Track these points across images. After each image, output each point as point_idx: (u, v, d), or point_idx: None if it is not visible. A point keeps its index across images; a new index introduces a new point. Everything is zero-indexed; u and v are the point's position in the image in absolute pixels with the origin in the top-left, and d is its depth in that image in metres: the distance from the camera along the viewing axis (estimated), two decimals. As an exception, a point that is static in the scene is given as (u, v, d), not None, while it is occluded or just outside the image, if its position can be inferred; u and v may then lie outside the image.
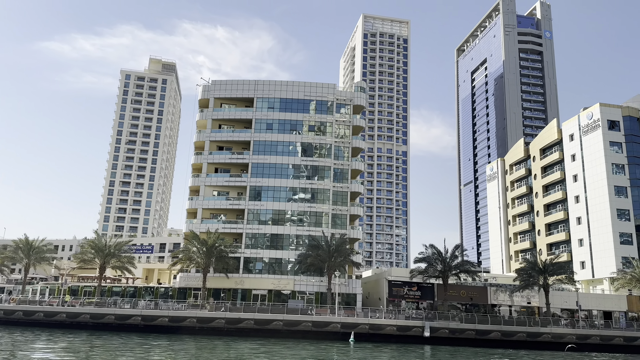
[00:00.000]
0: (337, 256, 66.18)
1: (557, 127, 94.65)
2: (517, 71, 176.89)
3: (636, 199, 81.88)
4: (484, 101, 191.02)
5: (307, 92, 77.74)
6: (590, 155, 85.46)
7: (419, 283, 72.15)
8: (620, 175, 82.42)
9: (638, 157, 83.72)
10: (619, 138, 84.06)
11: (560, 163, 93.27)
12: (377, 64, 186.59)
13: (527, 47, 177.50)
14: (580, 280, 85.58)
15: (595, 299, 76.19)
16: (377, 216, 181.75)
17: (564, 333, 58.70)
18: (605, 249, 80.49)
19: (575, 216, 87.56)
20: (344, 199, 75.71)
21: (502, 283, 76.63)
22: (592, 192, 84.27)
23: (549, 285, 69.25)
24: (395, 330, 56.00)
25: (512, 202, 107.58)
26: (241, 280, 71.13)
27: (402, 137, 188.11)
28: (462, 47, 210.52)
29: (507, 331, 57.37)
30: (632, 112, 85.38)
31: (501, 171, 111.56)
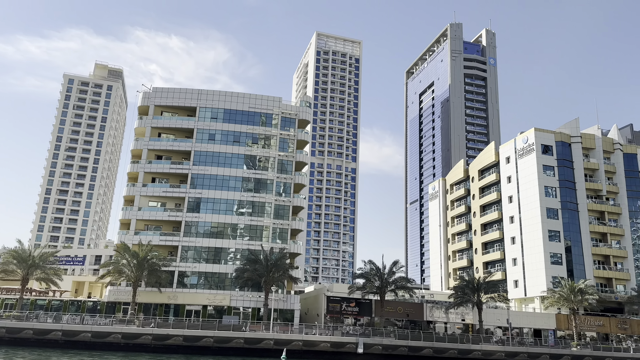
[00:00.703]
0: (276, 271, 65.10)
1: (494, 150, 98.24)
2: (462, 95, 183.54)
3: (566, 221, 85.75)
4: (431, 122, 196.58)
5: (252, 104, 76.98)
6: (525, 178, 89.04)
7: (357, 299, 72.10)
8: (551, 198, 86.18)
9: (569, 181, 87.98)
10: (551, 162, 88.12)
11: (497, 184, 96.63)
12: (329, 81, 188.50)
13: (472, 72, 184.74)
14: (514, 299, 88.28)
15: (526, 317, 78.70)
16: (325, 232, 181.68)
17: (494, 350, 59.96)
18: (537, 269, 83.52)
19: (510, 236, 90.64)
20: (286, 213, 74.96)
21: (439, 300, 77.81)
22: (526, 213, 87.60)
23: (482, 302, 70.91)
24: (329, 346, 55.33)
25: (452, 220, 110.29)
26: (174, 295, 68.55)
27: (352, 154, 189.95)
28: (412, 69, 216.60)
29: (439, 348, 57.96)
30: (564, 138, 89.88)
31: (442, 190, 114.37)
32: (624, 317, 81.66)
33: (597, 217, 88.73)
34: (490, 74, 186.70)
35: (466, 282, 72.40)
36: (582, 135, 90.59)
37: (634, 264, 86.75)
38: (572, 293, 72.14)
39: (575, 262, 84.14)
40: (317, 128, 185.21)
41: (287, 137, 77.19)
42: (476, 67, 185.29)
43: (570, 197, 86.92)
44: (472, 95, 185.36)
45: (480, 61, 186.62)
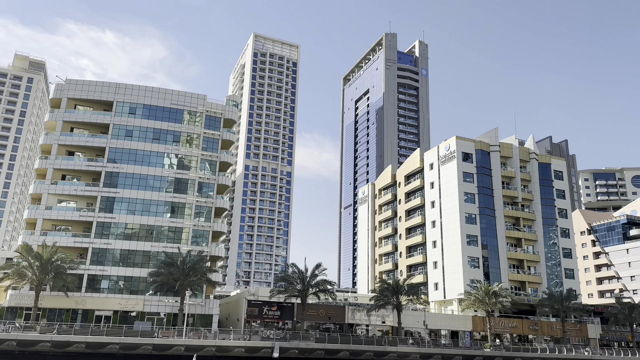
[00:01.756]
0: (193, 275, 62.76)
1: (419, 156, 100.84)
2: (395, 103, 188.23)
3: (484, 226, 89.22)
4: (366, 129, 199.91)
5: (174, 101, 74.27)
6: (446, 184, 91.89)
7: (279, 303, 71.01)
8: (470, 204, 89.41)
9: (487, 188, 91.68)
10: (471, 169, 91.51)
11: (421, 189, 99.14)
12: (265, 83, 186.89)
13: (405, 82, 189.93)
14: (434, 301, 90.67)
15: (444, 319, 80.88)
16: (258, 235, 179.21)
17: (410, 352, 60.88)
18: (456, 272, 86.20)
19: (432, 240, 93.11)
20: (208, 215, 72.72)
21: (361, 303, 78.32)
22: (447, 218, 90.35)
23: (401, 305, 72.02)
24: (244, 351, 53.89)
25: (379, 225, 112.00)
26: (83, 299, 64.43)
27: (287, 157, 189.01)
28: (349, 76, 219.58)
29: (356, 350, 58.04)
30: (483, 146, 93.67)
31: (371, 195, 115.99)
32: (535, 319, 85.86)
33: (513, 223, 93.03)
34: (421, 84, 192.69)
35: (387, 285, 73.29)
36: (500, 145, 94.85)
37: (546, 268, 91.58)
38: (487, 295, 74.85)
39: (492, 265, 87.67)
40: (253, 130, 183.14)
41: (211, 137, 75.06)
42: (409, 77, 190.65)
43: (488, 203, 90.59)
44: (405, 104, 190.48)
45: (413, 71, 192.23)
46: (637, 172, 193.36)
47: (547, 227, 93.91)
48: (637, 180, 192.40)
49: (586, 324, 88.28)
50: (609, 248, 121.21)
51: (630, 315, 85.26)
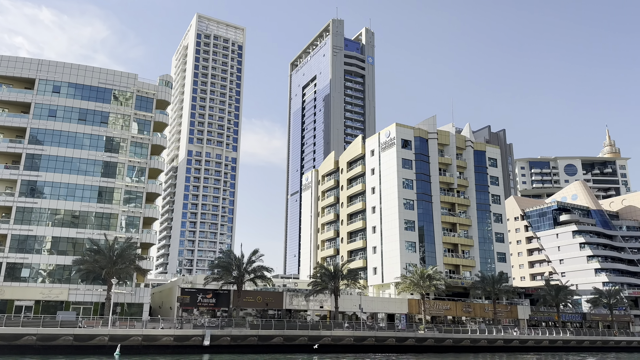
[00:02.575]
0: (121, 262, 60.09)
1: (361, 143, 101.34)
2: (342, 91, 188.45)
3: (421, 212, 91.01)
4: (313, 116, 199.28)
5: (103, 80, 70.38)
6: (386, 170, 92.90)
7: (214, 290, 69.53)
8: (409, 190, 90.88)
9: (424, 174, 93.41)
10: (410, 156, 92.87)
11: (362, 176, 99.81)
12: (210, 66, 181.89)
13: (352, 69, 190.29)
14: (373, 285, 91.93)
15: (381, 302, 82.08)
16: (202, 223, 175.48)
17: (344, 335, 61.24)
18: (393, 256, 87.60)
19: (372, 225, 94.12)
20: (139, 200, 69.78)
21: (299, 288, 78.12)
22: (386, 203, 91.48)
23: (338, 289, 72.30)
24: (172, 340, 52.29)
25: (322, 211, 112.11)
26: (1, 289, 60.38)
27: (233, 143, 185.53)
28: (296, 62, 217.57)
29: (290, 335, 57.73)
30: (422, 134, 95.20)
31: (315, 181, 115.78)
32: (468, 301, 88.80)
33: (449, 208, 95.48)
34: (368, 72, 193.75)
35: (325, 270, 73.33)
36: (438, 132, 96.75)
37: (479, 252, 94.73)
38: (422, 279, 76.51)
39: (428, 250, 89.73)
40: (196, 115, 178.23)
41: (143, 118, 71.83)
42: (356, 64, 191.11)
43: (425, 189, 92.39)
44: (352, 91, 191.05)
45: (360, 59, 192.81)
46: (569, 161, 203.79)
47: (481, 212, 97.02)
48: (569, 169, 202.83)
49: (516, 305, 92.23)
50: (540, 233, 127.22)
51: (557, 297, 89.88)
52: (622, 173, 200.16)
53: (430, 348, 67.13)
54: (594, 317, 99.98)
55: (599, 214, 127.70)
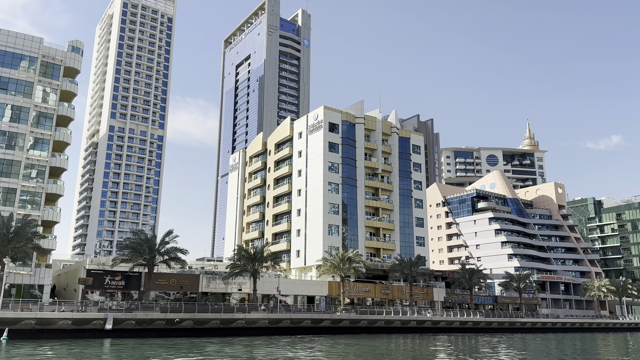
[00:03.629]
0: (16, 240, 55.15)
1: (290, 125, 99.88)
2: (277, 72, 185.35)
3: (345, 195, 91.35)
4: (246, 96, 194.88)
5: (3, 42, 63.67)
6: (313, 153, 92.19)
7: (124, 272, 65.96)
8: (334, 173, 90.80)
9: (350, 159, 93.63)
10: (337, 140, 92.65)
11: (290, 158, 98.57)
12: (136, 37, 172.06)
13: (287, 50, 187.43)
14: (296, 268, 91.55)
15: (302, 285, 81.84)
16: (124, 203, 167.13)
17: (258, 318, 60.18)
18: (316, 239, 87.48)
19: (297, 208, 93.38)
20: (41, 175, 64.34)
21: (217, 271, 76.08)
22: (312, 186, 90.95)
23: (257, 272, 71.01)
24: (70, 324, 48.78)
25: (248, 193, 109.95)
26: None
27: (159, 120, 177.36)
28: (230, 39, 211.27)
29: (201, 319, 55.83)
30: (349, 118, 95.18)
31: (242, 162, 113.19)
32: (386, 284, 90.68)
33: (373, 193, 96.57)
34: (303, 54, 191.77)
35: (244, 253, 71.71)
36: (365, 117, 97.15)
37: (399, 236, 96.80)
38: (342, 262, 76.90)
39: (351, 233, 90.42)
40: (120, 88, 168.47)
41: (48, 86, 65.99)
42: (291, 45, 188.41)
43: (350, 173, 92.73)
44: (286, 73, 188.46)
45: (295, 40, 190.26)
46: (491, 152, 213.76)
47: (404, 197, 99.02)
48: (491, 159, 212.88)
49: (432, 288, 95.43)
50: (459, 219, 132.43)
51: (470, 280, 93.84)
52: (540, 165, 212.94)
53: (345, 329, 67.70)
54: (504, 300, 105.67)
55: (514, 202, 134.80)
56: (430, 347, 52.73)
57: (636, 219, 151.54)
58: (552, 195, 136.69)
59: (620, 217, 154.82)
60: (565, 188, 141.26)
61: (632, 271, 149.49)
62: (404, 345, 53.95)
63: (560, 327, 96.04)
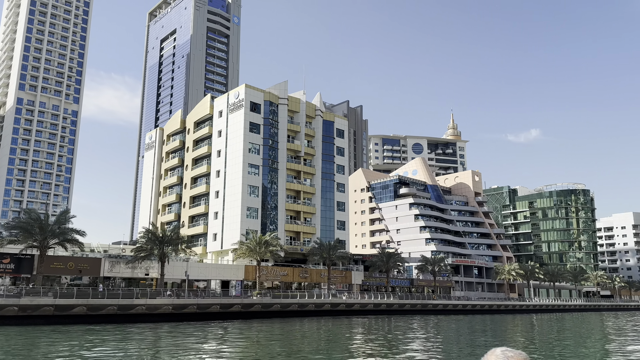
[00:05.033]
0: None
1: (210, 103, 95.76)
2: (204, 49, 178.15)
3: (266, 178, 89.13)
4: (170, 72, 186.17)
5: None
6: (233, 133, 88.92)
7: (14, 254, 60.14)
8: (255, 155, 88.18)
9: (272, 140, 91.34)
10: (258, 120, 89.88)
11: (209, 138, 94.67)
12: (49, 4, 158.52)
13: (216, 27, 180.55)
14: (212, 252, 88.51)
15: (216, 269, 79.07)
16: (32, 181, 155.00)
17: (161, 304, 57.01)
18: (234, 222, 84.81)
19: (215, 190, 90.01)
20: None
21: (122, 254, 71.63)
22: (231, 168, 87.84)
23: (165, 255, 67.44)
24: (-63, 312, 43.34)
25: (165, 173, 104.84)
26: None
27: (74, 94, 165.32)
28: (155, 12, 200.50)
29: (95, 305, 51.83)
30: (272, 98, 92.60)
31: (159, 141, 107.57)
32: (305, 267, 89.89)
33: (295, 176, 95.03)
34: (233, 33, 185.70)
35: (151, 235, 67.78)
36: (289, 98, 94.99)
37: (320, 220, 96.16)
38: (259, 245, 74.90)
39: (270, 216, 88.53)
40: (30, 58, 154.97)
41: None
42: (220, 22, 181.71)
43: (272, 155, 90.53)
44: (214, 50, 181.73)
45: (225, 17, 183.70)
46: (417, 141, 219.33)
47: (326, 181, 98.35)
48: (416, 147, 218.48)
49: (351, 271, 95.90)
50: (382, 204, 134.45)
51: (388, 263, 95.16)
52: (461, 154, 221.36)
53: (258, 314, 66.04)
54: (420, 283, 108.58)
55: (434, 189, 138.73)
56: (341, 330, 52.20)
57: (546, 207, 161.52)
58: (470, 182, 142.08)
59: (532, 205, 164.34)
60: (482, 176, 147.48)
61: (541, 256, 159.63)
62: (317, 329, 53.04)
63: (471, 309, 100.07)
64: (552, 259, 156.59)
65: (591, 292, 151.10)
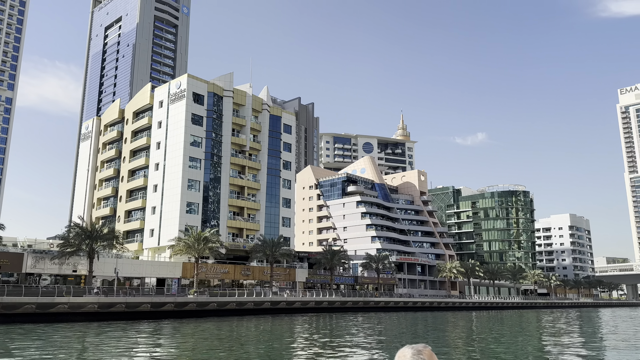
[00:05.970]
0: None
1: (150, 92, 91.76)
2: (151, 39, 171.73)
3: (208, 172, 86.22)
4: (115, 62, 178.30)
5: None
6: (174, 124, 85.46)
7: None
8: (197, 148, 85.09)
9: (216, 133, 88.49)
10: (201, 112, 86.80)
11: (149, 129, 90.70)
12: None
13: (164, 16, 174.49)
14: (149, 248, 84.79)
15: (152, 266, 75.66)
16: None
17: (84, 302, 53.43)
18: (173, 217, 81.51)
19: (153, 184, 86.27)
20: None
21: (48, 250, 67.11)
22: (171, 160, 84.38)
23: (94, 251, 63.66)
24: None
25: (101, 165, 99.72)
26: None
27: (8, 80, 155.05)
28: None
29: (9, 303, 47.78)
30: (217, 90, 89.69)
31: (96, 131, 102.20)
32: (247, 265, 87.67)
33: (239, 170, 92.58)
34: (182, 23, 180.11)
35: (79, 229, 63.76)
36: (234, 91, 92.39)
37: (264, 217, 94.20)
38: (197, 241, 72.07)
39: (212, 212, 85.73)
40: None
41: None
42: (168, 12, 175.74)
43: (215, 149, 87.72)
44: (162, 41, 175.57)
45: (174, 7, 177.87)
46: (368, 140, 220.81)
47: (271, 177, 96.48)
48: (367, 147, 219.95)
49: (295, 268, 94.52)
50: (330, 202, 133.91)
51: (332, 260, 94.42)
52: (410, 154, 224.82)
53: (193, 313, 63.37)
54: (364, 280, 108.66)
55: (381, 187, 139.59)
56: (278, 328, 50.58)
57: (488, 207, 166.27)
58: (416, 182, 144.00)
59: (475, 205, 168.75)
60: (430, 177, 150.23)
61: (483, 255, 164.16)
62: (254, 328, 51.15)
63: (412, 305, 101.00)
64: (492, 258, 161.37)
65: (529, 290, 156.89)
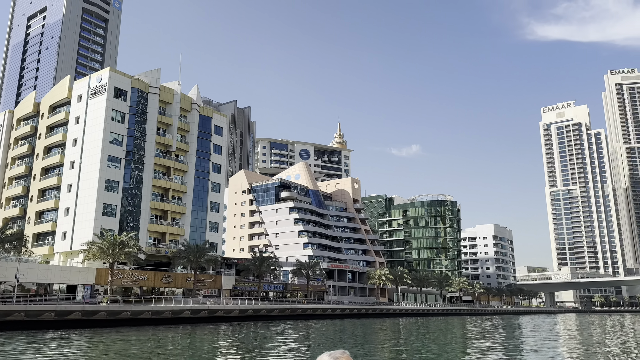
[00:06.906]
0: None
1: (68, 85, 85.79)
2: (78, 32, 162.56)
3: (129, 172, 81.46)
4: (37, 54, 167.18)
5: None
6: (93, 120, 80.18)
7: None
8: (117, 146, 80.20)
9: (139, 132, 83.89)
10: (124, 108, 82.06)
11: (66, 124, 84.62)
12: None
13: (94, 9, 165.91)
14: (60, 252, 78.75)
15: (62, 271, 70.09)
16: None
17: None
18: (88, 220, 76.09)
19: (68, 183, 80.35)
20: None
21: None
22: (88, 159, 78.94)
23: (-8, 255, 57.87)
24: None
25: (12, 162, 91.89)
26: None
27: None
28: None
29: None
30: (142, 86, 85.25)
31: (7, 125, 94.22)
32: (169, 271, 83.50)
33: (164, 172, 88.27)
34: (113, 17, 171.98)
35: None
36: (161, 88, 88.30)
37: (190, 221, 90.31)
38: (112, 246, 67.50)
39: (132, 214, 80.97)
40: None
41: None
42: (99, 5, 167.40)
43: (138, 148, 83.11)
44: (89, 35, 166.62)
45: (104, 0, 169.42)
46: (305, 147, 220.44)
47: (199, 180, 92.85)
48: (304, 153, 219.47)
49: (221, 275, 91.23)
50: (262, 207, 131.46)
51: (261, 267, 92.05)
52: (346, 162, 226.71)
53: (103, 322, 58.91)
54: (294, 287, 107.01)
55: (315, 194, 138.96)
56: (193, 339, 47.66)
57: (418, 216, 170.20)
58: (349, 189, 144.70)
59: (405, 213, 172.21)
60: (365, 185, 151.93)
61: (412, 262, 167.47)
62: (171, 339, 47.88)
63: (340, 313, 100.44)
64: (421, 265, 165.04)
65: (454, 297, 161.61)
